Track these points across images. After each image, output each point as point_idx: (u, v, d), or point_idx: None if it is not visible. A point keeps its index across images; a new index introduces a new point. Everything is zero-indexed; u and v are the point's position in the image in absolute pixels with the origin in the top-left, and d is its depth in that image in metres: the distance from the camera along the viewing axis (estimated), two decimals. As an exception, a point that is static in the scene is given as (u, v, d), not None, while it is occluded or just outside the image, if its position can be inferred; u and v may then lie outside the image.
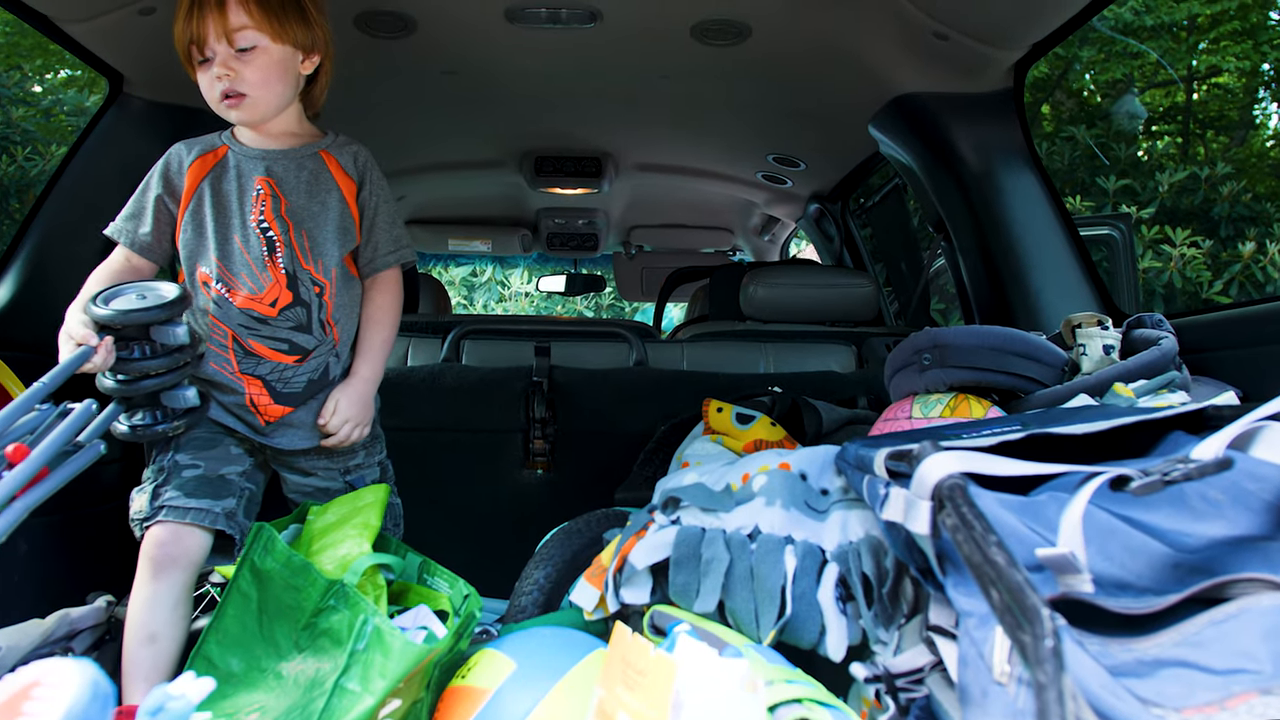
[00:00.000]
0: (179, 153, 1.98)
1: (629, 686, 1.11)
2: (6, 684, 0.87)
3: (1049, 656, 0.77)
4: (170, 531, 1.75)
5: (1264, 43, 10.11)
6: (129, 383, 1.75)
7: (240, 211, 1.93)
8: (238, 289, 1.90)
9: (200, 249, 1.93)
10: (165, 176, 1.96)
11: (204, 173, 1.95)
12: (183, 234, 1.94)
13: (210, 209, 1.93)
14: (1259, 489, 1.00)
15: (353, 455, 2.04)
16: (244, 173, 1.95)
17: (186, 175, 1.94)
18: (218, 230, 1.92)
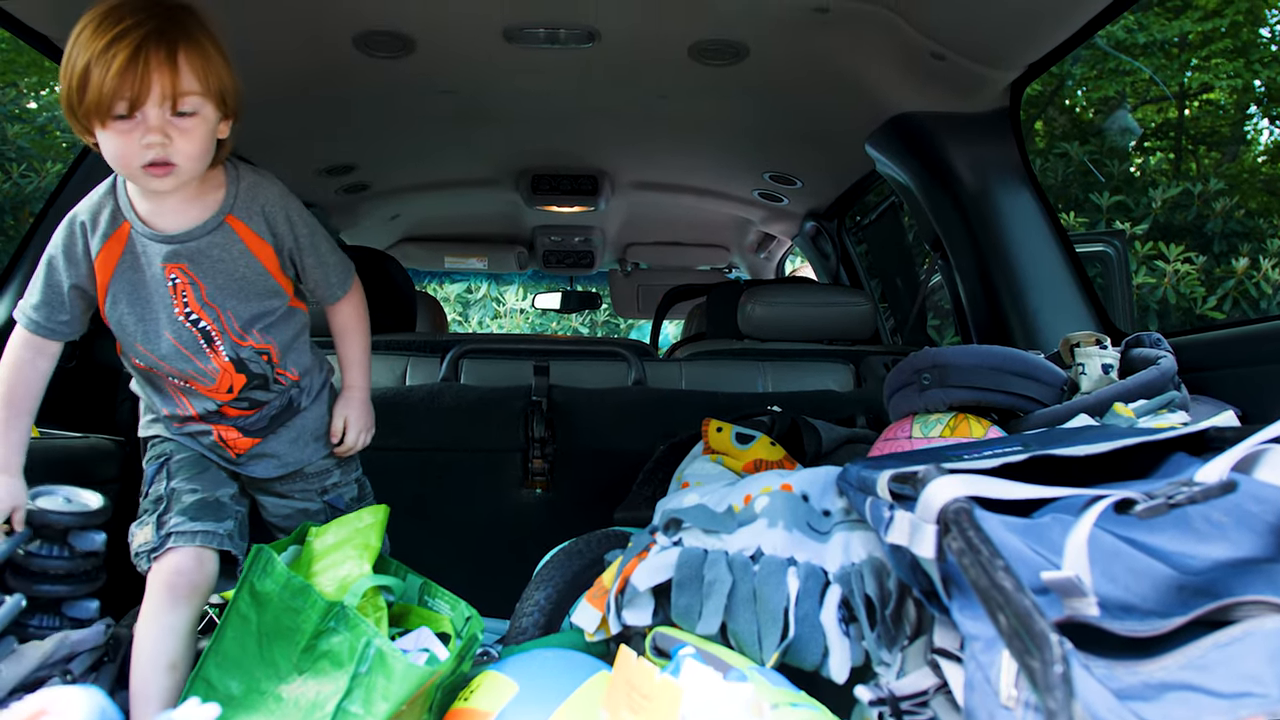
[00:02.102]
0: (80, 237, 1.74)
1: (634, 710, 1.11)
2: (13, 713, 0.87)
3: (1058, 682, 0.77)
4: (184, 557, 1.70)
5: (1255, 60, 10.17)
6: (34, 581, 1.78)
7: (163, 306, 1.76)
8: (195, 380, 1.81)
9: (130, 343, 1.80)
10: (73, 263, 1.74)
11: (112, 264, 1.74)
12: (110, 321, 1.79)
13: (128, 306, 1.77)
14: (1262, 511, 1.00)
15: (329, 475, 1.99)
16: (152, 259, 1.74)
17: (96, 266, 1.74)
18: (144, 327, 1.77)
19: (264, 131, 3.31)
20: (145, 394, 1.89)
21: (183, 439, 1.88)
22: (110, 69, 1.54)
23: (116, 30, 1.55)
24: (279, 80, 2.92)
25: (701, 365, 2.92)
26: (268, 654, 1.54)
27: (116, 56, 1.54)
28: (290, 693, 1.48)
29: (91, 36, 1.56)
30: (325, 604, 1.52)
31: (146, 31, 1.57)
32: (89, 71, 1.55)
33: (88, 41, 1.57)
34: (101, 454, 2.43)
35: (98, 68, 1.54)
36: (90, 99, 1.57)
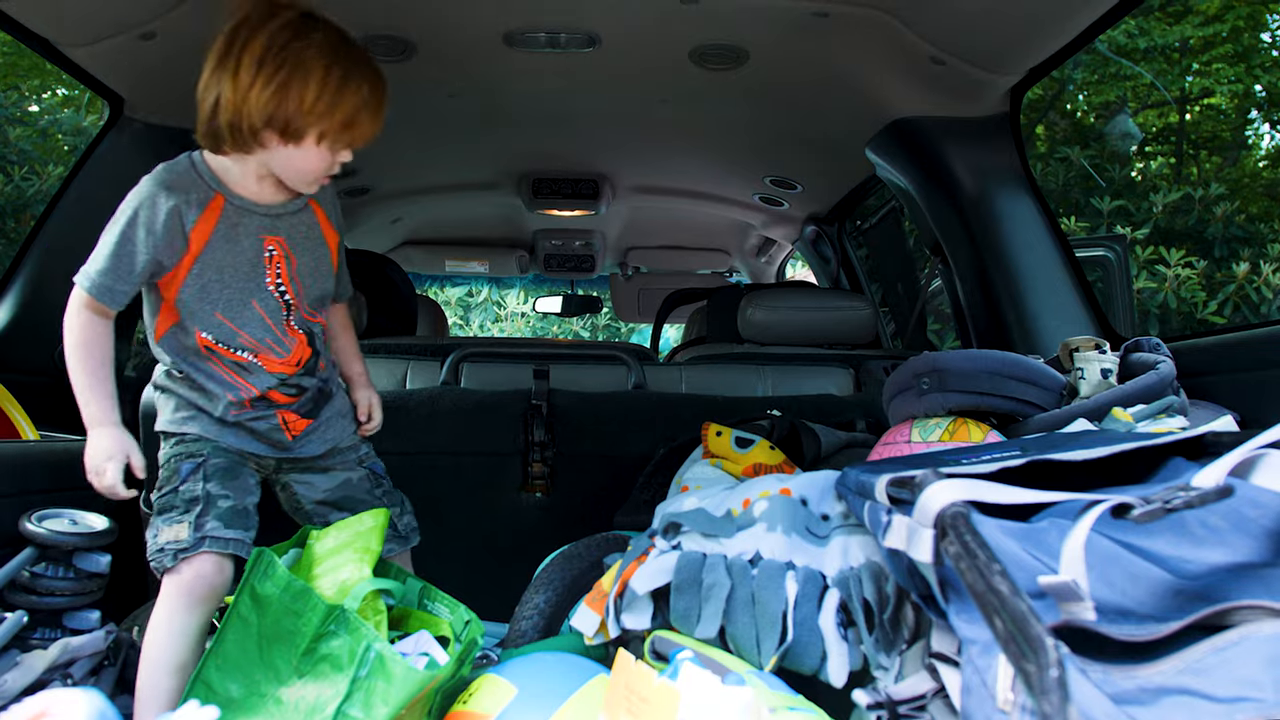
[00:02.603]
0: (175, 207, 1.78)
1: (632, 714, 1.11)
2: (14, 714, 0.87)
3: (1054, 686, 0.78)
4: (209, 563, 1.72)
5: (1256, 65, 10.18)
6: (38, 598, 1.85)
7: (256, 274, 1.85)
8: (266, 355, 1.88)
9: (205, 313, 1.83)
10: (153, 234, 1.77)
11: (208, 234, 1.80)
12: (181, 296, 1.82)
13: (217, 273, 1.82)
14: (1259, 516, 1.01)
15: (359, 447, 2.09)
16: (249, 230, 1.84)
17: (191, 236, 1.79)
18: (229, 295, 1.84)
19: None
20: (188, 388, 1.88)
21: (229, 435, 1.88)
22: (376, 114, 1.83)
23: (374, 74, 1.82)
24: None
25: (701, 369, 2.92)
26: (268, 657, 1.54)
27: (380, 105, 1.83)
28: (290, 695, 1.49)
29: (360, 75, 1.78)
30: (326, 607, 1.52)
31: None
32: (360, 110, 1.78)
33: (359, 77, 1.78)
34: (102, 457, 2.43)
35: (367, 112, 1.79)
36: (352, 134, 1.80)
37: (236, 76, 1.71)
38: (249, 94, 1.70)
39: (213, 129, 1.76)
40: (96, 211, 2.84)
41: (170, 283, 1.81)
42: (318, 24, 1.76)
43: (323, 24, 1.77)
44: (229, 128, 1.74)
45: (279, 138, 1.75)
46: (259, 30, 1.71)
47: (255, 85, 1.70)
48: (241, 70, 1.70)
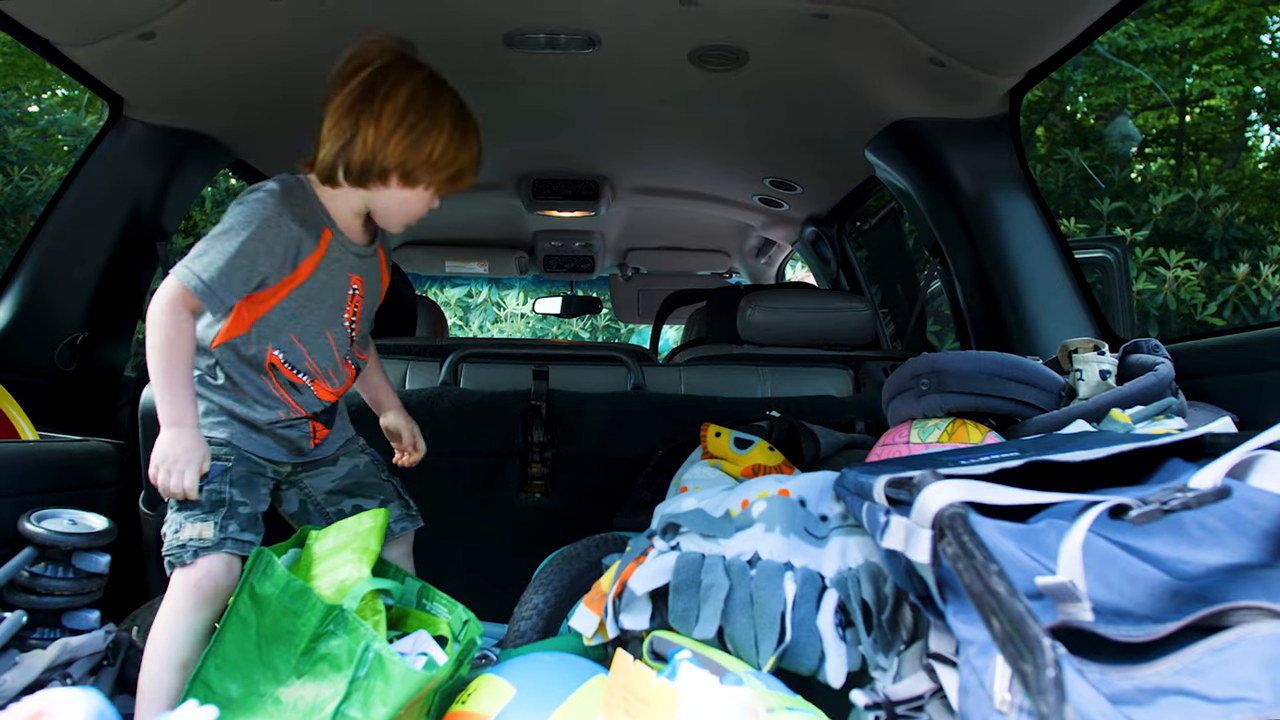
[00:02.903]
0: (295, 234, 1.86)
1: (631, 714, 1.11)
2: (11, 714, 0.87)
3: (1051, 686, 0.78)
4: (224, 563, 1.74)
5: (1256, 67, 10.18)
6: (37, 598, 1.86)
7: (336, 307, 1.97)
8: (321, 382, 1.98)
9: (281, 335, 1.91)
10: (273, 257, 1.84)
11: (314, 264, 1.90)
12: (269, 315, 1.89)
13: (306, 300, 1.92)
14: (1257, 517, 1.01)
15: (357, 438, 2.16)
16: (342, 266, 1.96)
17: (300, 265, 1.88)
18: (308, 322, 1.93)
19: (266, 136, 3.32)
20: (224, 395, 1.91)
21: (256, 443, 1.92)
22: (477, 171, 1.97)
23: (478, 136, 1.95)
24: (281, 85, 2.93)
25: (701, 370, 2.93)
26: (267, 656, 1.54)
27: (479, 164, 1.97)
28: (289, 695, 1.49)
29: (475, 137, 1.94)
30: (325, 607, 1.52)
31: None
32: (470, 166, 1.94)
33: (474, 138, 1.93)
34: (102, 457, 2.43)
35: (473, 169, 1.95)
36: (456, 184, 1.95)
37: (379, 122, 1.83)
38: (389, 140, 1.83)
39: (338, 164, 1.87)
40: (96, 212, 2.86)
41: (264, 301, 1.87)
42: (446, 85, 1.93)
43: (446, 85, 1.94)
44: (359, 166, 1.86)
45: (399, 181, 1.88)
46: (403, 83, 1.86)
47: (396, 133, 1.83)
48: (384, 117, 1.83)
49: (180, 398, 1.77)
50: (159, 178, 2.98)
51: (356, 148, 1.84)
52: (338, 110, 1.86)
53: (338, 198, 1.93)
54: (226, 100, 2.95)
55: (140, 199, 2.95)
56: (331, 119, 1.87)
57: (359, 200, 1.93)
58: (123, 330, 3.11)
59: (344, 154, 1.86)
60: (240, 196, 1.89)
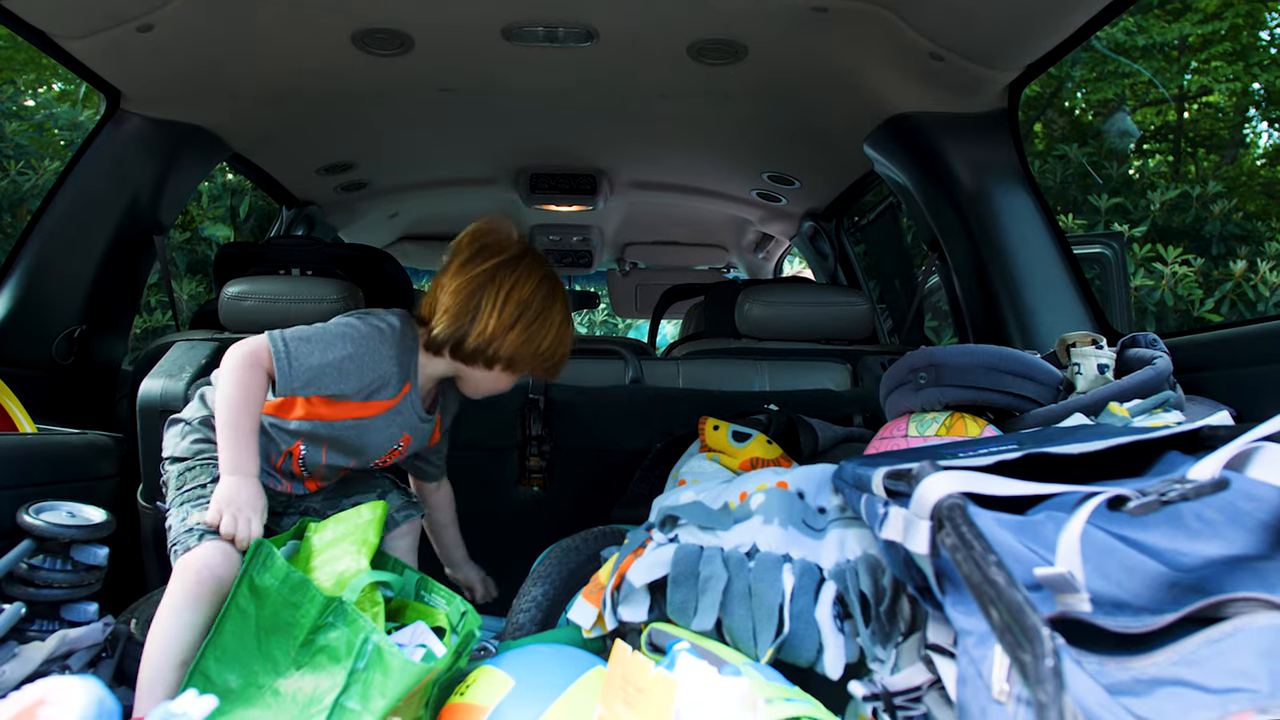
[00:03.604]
0: (384, 375, 1.94)
1: (629, 704, 1.11)
2: (11, 702, 0.87)
3: (1049, 676, 0.78)
4: (223, 553, 1.71)
5: (1254, 63, 10.18)
6: (36, 589, 1.87)
7: (373, 452, 2.03)
8: (317, 482, 2.07)
9: (317, 443, 1.97)
10: (356, 382, 1.91)
11: (383, 408, 1.97)
12: (319, 427, 1.95)
13: (356, 434, 1.97)
14: (1254, 509, 1.01)
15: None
16: (402, 423, 2.02)
17: (369, 403, 1.95)
18: (349, 453, 2.00)
19: (264, 130, 3.32)
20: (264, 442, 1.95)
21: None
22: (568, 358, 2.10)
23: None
24: (279, 78, 2.93)
25: (699, 364, 2.93)
26: (266, 648, 1.54)
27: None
28: (288, 687, 1.49)
29: (573, 330, 2.08)
30: (324, 599, 1.52)
31: None
32: (565, 358, 2.08)
33: (573, 332, 2.08)
34: (100, 450, 2.43)
35: (566, 359, 2.08)
36: (548, 371, 2.06)
37: (501, 314, 1.92)
38: (508, 333, 1.93)
39: (450, 341, 1.95)
40: (93, 205, 2.86)
41: (326, 407, 1.94)
42: (558, 280, 2.04)
43: (560, 281, 2.04)
44: (472, 349, 1.95)
45: (502, 366, 2.00)
46: (528, 279, 1.96)
47: (515, 328, 1.93)
48: (507, 309, 1.92)
49: (244, 447, 1.79)
50: (156, 171, 2.97)
51: (474, 332, 1.92)
52: (461, 291, 1.93)
53: (433, 362, 2.01)
54: (224, 93, 2.95)
55: (137, 192, 2.94)
56: (452, 298, 1.93)
57: (450, 369, 2.02)
58: (120, 324, 3.10)
59: (460, 334, 1.93)
60: (365, 312, 1.99)
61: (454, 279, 1.96)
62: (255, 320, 2.80)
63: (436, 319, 1.95)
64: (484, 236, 2.01)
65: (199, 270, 8.89)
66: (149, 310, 8.51)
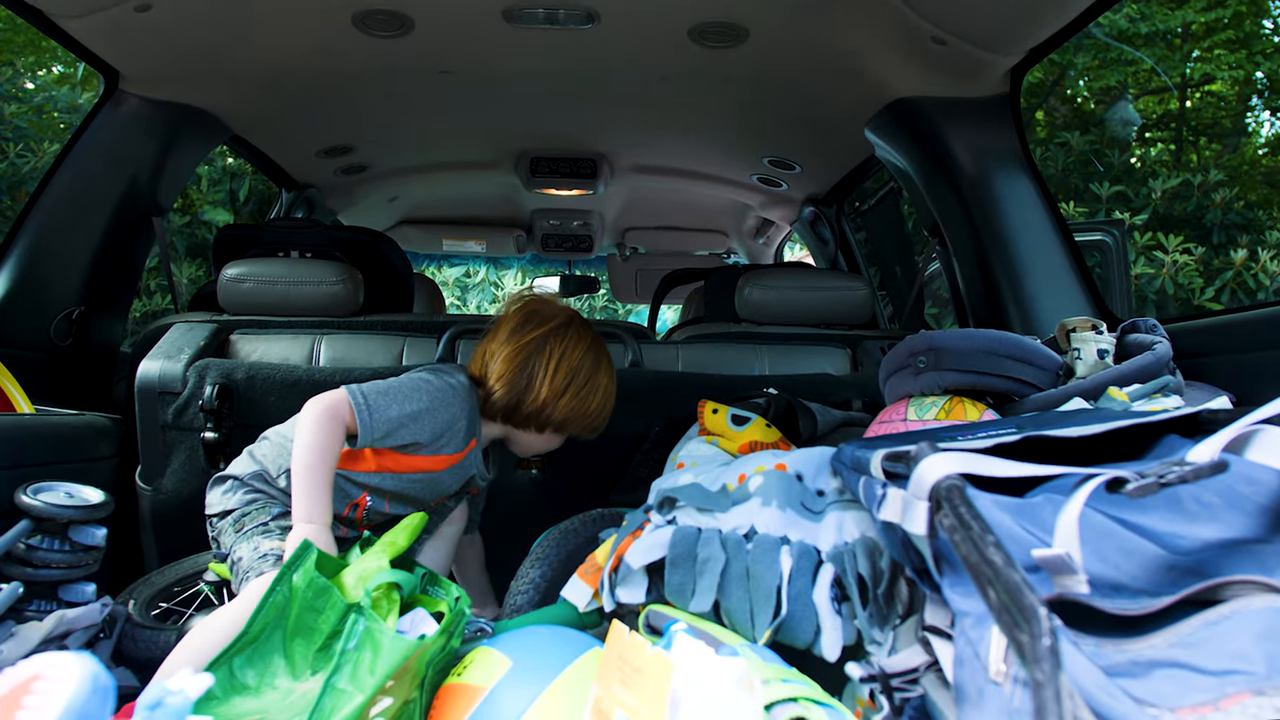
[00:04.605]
0: (454, 430, 2.01)
1: (626, 684, 1.11)
2: (6, 678, 0.87)
3: (1046, 655, 0.78)
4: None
5: (1257, 51, 10.15)
6: (31, 569, 1.87)
7: (438, 497, 2.12)
8: (366, 528, 2.08)
9: (382, 495, 2.02)
10: (431, 431, 1.97)
11: (450, 463, 2.04)
12: (386, 480, 1.99)
13: (422, 488, 2.04)
14: (1253, 492, 1.01)
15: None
16: (464, 476, 2.10)
17: (437, 459, 2.01)
18: (413, 500, 2.06)
19: (264, 112, 3.31)
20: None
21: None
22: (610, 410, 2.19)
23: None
24: (278, 59, 2.92)
25: (698, 347, 2.92)
26: (289, 650, 1.54)
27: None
28: (301, 689, 1.49)
29: (615, 391, 2.18)
30: (344, 606, 1.52)
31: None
32: (608, 418, 2.18)
33: (615, 394, 2.18)
34: (99, 431, 2.43)
35: (608, 418, 2.19)
36: (592, 430, 2.16)
37: (553, 380, 2.03)
38: (560, 399, 2.04)
39: (505, 408, 2.06)
40: (92, 186, 2.85)
41: (398, 465, 1.98)
42: (603, 346, 2.14)
43: (605, 346, 2.15)
44: (526, 415, 2.07)
45: (551, 429, 2.11)
46: (577, 346, 2.07)
47: (566, 393, 2.04)
48: (558, 376, 2.03)
49: (318, 498, 1.81)
50: (155, 152, 2.97)
51: (529, 399, 2.04)
52: (514, 359, 2.04)
53: (489, 426, 2.11)
54: (223, 74, 2.94)
55: (136, 173, 2.93)
56: (505, 365, 2.04)
57: (502, 432, 2.14)
58: (119, 305, 3.10)
59: (515, 400, 2.04)
60: (432, 368, 2.06)
61: (504, 346, 2.04)
62: (254, 302, 2.80)
63: (493, 384, 2.04)
64: (532, 304, 2.10)
65: (198, 254, 8.88)
66: (148, 294, 8.52)
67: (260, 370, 2.45)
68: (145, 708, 0.99)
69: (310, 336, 2.75)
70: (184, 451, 2.45)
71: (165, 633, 1.96)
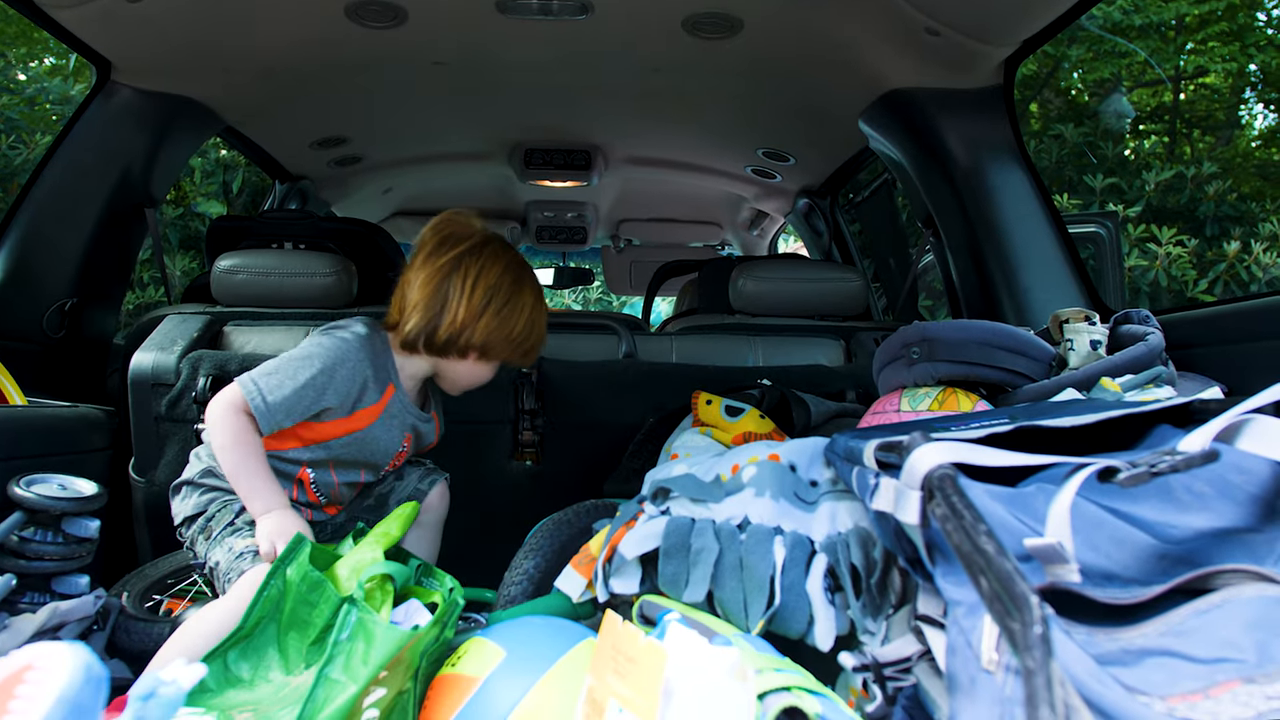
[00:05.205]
0: (365, 381, 1.94)
1: (620, 674, 1.11)
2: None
3: (1037, 643, 0.78)
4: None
5: (1251, 44, 10.16)
6: (24, 560, 1.87)
7: (383, 458, 2.05)
8: (333, 505, 2.08)
9: (322, 466, 1.97)
10: (339, 396, 1.90)
11: (374, 416, 1.97)
12: (316, 447, 1.95)
13: (360, 448, 1.98)
14: (1244, 481, 1.01)
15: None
16: (400, 425, 2.03)
17: (359, 413, 1.95)
18: (355, 466, 2.01)
19: (257, 103, 3.29)
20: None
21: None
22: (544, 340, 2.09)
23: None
24: (271, 50, 2.91)
25: (692, 339, 2.92)
26: (283, 643, 1.54)
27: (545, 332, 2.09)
28: (294, 682, 1.49)
29: (545, 310, 2.05)
30: (338, 600, 1.52)
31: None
32: (540, 341, 2.07)
33: (545, 313, 2.05)
34: (91, 423, 2.43)
35: (541, 342, 2.08)
36: (525, 357, 2.06)
37: (470, 300, 1.93)
38: (480, 319, 1.94)
39: (422, 335, 1.96)
40: (84, 178, 2.84)
41: (318, 430, 1.93)
42: (525, 264, 2.04)
43: (527, 264, 2.05)
44: (445, 341, 1.96)
45: (477, 355, 2.00)
46: (495, 263, 1.96)
47: (487, 313, 1.94)
48: (476, 296, 1.93)
49: (262, 487, 1.80)
50: (148, 143, 2.96)
51: (444, 323, 1.94)
52: (429, 284, 1.94)
53: (410, 362, 2.03)
54: (216, 65, 2.93)
55: (129, 165, 2.92)
56: (420, 291, 1.95)
57: (429, 366, 2.04)
58: (112, 297, 3.09)
59: (430, 327, 1.95)
60: (325, 328, 1.98)
61: (420, 272, 1.96)
62: (247, 293, 2.80)
63: (407, 315, 1.96)
64: (446, 228, 2.00)
65: (191, 246, 8.86)
66: (141, 286, 8.49)
67: (253, 362, 2.44)
68: (138, 698, 0.99)
69: (304, 328, 2.74)
70: (177, 443, 2.44)
71: (158, 625, 1.96)
